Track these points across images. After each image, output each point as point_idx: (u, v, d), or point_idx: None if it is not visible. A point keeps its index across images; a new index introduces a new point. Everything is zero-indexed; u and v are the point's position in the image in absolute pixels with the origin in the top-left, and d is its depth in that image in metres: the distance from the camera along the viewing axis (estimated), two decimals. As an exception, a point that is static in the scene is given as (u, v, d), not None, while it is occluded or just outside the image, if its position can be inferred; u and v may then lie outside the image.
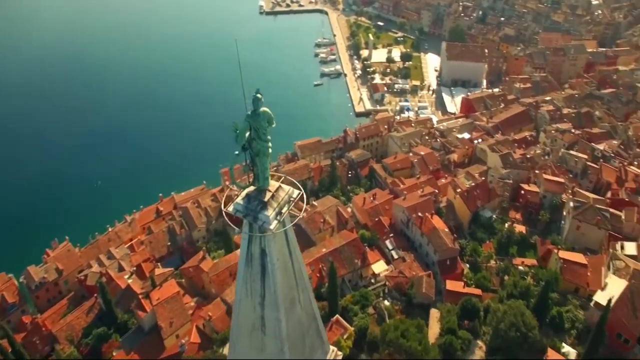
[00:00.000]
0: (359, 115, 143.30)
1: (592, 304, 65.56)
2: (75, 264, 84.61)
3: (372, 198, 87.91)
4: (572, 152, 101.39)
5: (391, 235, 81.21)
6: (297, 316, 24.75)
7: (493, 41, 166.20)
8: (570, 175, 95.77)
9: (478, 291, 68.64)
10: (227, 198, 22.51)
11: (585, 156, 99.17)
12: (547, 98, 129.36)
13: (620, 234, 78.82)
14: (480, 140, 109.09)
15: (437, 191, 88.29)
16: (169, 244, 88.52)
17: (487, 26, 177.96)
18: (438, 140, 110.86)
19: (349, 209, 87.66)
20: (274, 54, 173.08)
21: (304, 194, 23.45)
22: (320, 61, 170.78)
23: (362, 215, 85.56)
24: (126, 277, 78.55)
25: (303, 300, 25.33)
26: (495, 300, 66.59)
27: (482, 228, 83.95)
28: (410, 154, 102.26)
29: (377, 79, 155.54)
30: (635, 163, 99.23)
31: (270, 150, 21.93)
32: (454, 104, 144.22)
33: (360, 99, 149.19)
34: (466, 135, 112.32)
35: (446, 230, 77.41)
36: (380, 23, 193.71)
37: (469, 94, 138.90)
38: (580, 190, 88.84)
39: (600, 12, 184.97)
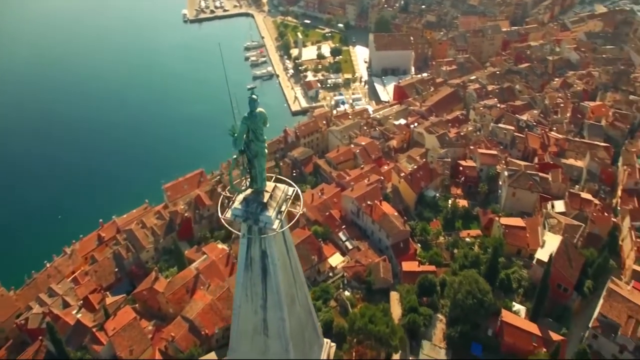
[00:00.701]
0: (295, 114, 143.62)
1: (534, 262, 70.28)
2: (11, 309, 77.77)
3: (320, 194, 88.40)
4: (500, 125, 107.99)
5: (343, 227, 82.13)
6: (297, 313, 24.90)
7: (417, 29, 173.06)
8: (501, 147, 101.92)
9: (432, 268, 71.26)
10: (221, 207, 22.47)
11: (512, 127, 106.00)
12: (472, 77, 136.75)
13: (549, 194, 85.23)
14: (416, 124, 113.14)
15: (382, 178, 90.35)
16: (116, 270, 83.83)
17: (410, 15, 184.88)
18: (377, 129, 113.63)
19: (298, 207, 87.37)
20: (203, 62, 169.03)
21: (299, 190, 23.43)
22: (252, 64, 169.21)
23: (312, 212, 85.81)
24: (74, 312, 73.33)
25: (301, 297, 25.44)
26: (448, 273, 69.53)
27: (427, 207, 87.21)
28: (352, 146, 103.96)
29: (310, 76, 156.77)
30: (554, 129, 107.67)
31: (266, 150, 21.84)
32: (386, 92, 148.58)
33: (295, 97, 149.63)
34: (402, 121, 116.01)
35: (395, 214, 79.51)
36: (307, 21, 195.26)
37: (399, 81, 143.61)
38: (512, 160, 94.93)
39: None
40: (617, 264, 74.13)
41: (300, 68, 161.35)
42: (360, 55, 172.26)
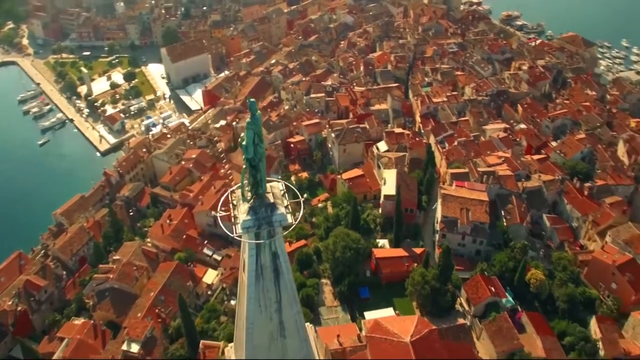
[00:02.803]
0: (106, 153, 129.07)
1: (382, 200, 78.30)
2: None
3: (168, 221, 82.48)
4: (311, 96, 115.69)
5: (205, 242, 78.77)
6: None
7: (205, 31, 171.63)
8: (319, 114, 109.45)
9: (302, 242, 73.54)
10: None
11: (322, 94, 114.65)
12: (273, 61, 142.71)
13: (370, 139, 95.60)
14: (237, 120, 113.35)
15: (227, 181, 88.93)
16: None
17: (194, 19, 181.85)
18: (202, 137, 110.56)
19: (150, 243, 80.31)
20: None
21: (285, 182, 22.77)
22: (35, 117, 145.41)
23: (167, 242, 79.64)
24: None
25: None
26: (316, 240, 72.74)
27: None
28: (183, 163, 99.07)
29: (110, 110, 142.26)
30: (354, 83, 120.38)
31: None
32: (194, 101, 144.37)
33: (101, 136, 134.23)
34: (223, 122, 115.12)
35: None
36: (86, 53, 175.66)
37: (205, 86, 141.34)
38: (333, 122, 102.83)
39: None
40: (437, 175, 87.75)
41: (95, 104, 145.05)
42: (156, 72, 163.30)
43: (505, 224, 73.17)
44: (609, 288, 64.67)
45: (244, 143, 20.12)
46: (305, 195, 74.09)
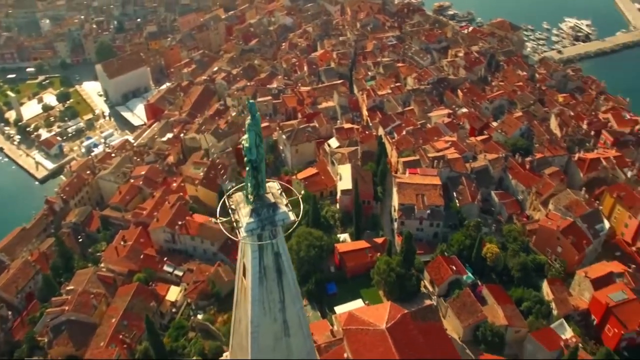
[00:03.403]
0: (44, 180, 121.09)
1: (339, 195, 79.13)
2: None
3: (123, 242, 78.98)
4: (258, 100, 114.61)
5: (165, 259, 76.25)
6: None
7: (141, 43, 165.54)
8: (267, 117, 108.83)
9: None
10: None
11: (269, 97, 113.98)
12: (215, 69, 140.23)
13: (321, 137, 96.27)
14: (184, 132, 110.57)
15: (181, 194, 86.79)
16: None
17: (128, 33, 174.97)
18: (149, 153, 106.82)
19: (105, 268, 76.61)
20: None
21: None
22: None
23: (125, 264, 76.26)
24: None
25: None
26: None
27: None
28: (132, 181, 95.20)
29: (45, 134, 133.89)
30: (300, 84, 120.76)
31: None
32: (136, 116, 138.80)
33: (37, 163, 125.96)
34: (169, 135, 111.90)
35: (211, 219, 78.38)
36: (11, 76, 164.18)
37: (147, 100, 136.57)
38: (282, 123, 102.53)
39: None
40: (389, 165, 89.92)
41: (28, 129, 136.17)
42: (92, 90, 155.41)
43: (458, 204, 76.21)
44: (556, 252, 69.12)
45: (246, 145, 20.07)
46: (302, 192, 73.95)
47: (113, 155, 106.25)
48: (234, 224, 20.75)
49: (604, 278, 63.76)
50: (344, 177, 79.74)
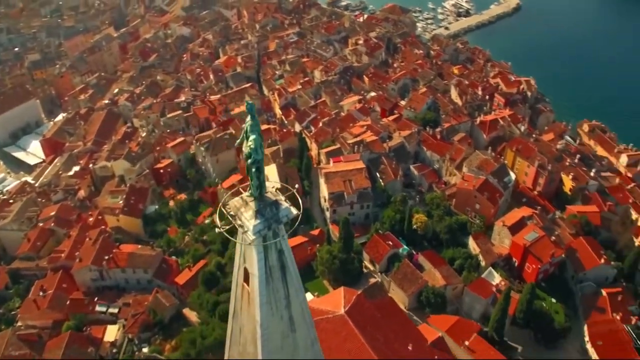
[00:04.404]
0: None
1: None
2: None
3: (41, 293, 71.80)
4: (168, 116, 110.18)
5: (95, 299, 70.86)
6: None
7: (24, 75, 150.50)
8: (181, 132, 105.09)
9: (201, 262, 70.97)
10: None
11: (178, 112, 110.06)
12: (116, 91, 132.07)
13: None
14: (93, 161, 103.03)
15: (102, 227, 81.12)
16: None
17: (6, 64, 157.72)
18: (58, 190, 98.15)
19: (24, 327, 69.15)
20: None
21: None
22: None
23: (46, 317, 69.43)
24: None
25: None
26: (215, 255, 70.76)
27: (158, 222, 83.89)
28: (40, 224, 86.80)
29: None
30: (208, 93, 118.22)
31: None
32: (32, 155, 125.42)
33: None
34: (76, 168, 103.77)
35: (139, 246, 75.45)
36: None
37: (42, 135, 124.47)
38: (198, 135, 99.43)
39: (98, 1, 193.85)
40: (311, 158, 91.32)
41: None
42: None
43: (382, 183, 79.63)
44: (474, 209, 75.18)
45: (252, 146, 19.48)
46: (296, 185, 71.64)
47: (11, 201, 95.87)
48: (239, 229, 20.28)
49: (518, 223, 70.57)
50: (270, 178, 79.33)
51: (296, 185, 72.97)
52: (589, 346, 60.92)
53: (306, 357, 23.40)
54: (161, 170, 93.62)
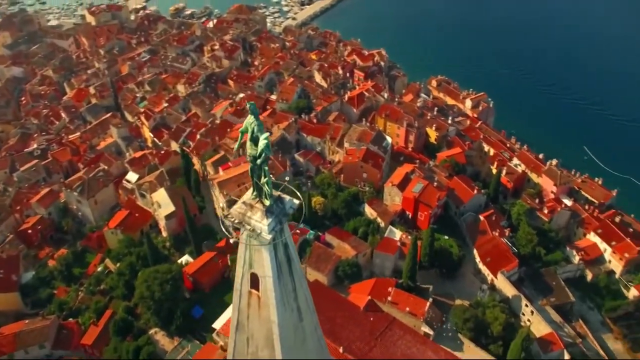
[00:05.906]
0: None
1: (162, 222, 74.72)
2: None
3: None
4: (20, 170, 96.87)
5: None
6: None
7: None
8: (44, 183, 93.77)
9: (108, 312, 65.17)
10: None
11: (33, 162, 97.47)
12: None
13: (115, 177, 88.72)
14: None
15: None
16: None
17: None
18: None
19: None
20: None
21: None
22: None
23: None
24: None
25: None
26: (120, 301, 65.57)
27: (40, 288, 74.21)
28: None
29: None
30: (64, 134, 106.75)
31: None
32: None
33: None
34: None
35: (26, 321, 66.08)
36: None
37: None
38: (66, 181, 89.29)
39: None
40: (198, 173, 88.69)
41: None
42: None
43: (273, 178, 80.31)
44: (363, 179, 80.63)
45: (265, 141, 18.80)
46: (287, 179, 68.14)
47: None
48: (248, 234, 19.52)
49: (404, 180, 77.52)
50: (162, 204, 75.79)
51: (287, 179, 71.06)
52: (481, 265, 70.19)
53: (313, 342, 23.92)
54: (29, 231, 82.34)
